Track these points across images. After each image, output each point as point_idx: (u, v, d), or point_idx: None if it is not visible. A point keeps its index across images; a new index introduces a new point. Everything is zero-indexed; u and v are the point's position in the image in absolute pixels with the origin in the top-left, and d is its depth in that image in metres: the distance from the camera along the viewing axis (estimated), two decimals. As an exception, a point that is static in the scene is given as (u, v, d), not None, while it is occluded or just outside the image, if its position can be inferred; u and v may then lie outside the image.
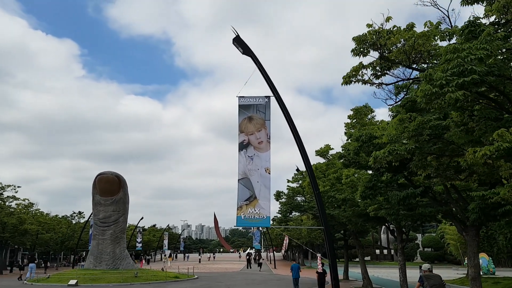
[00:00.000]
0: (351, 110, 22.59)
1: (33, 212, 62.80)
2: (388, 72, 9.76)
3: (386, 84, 10.23)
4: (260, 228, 79.97)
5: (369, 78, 9.37)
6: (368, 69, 9.64)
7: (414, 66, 10.13)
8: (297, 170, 38.91)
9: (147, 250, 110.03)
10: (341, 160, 19.36)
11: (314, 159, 32.72)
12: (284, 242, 23.90)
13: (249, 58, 16.20)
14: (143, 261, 78.40)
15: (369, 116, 22.91)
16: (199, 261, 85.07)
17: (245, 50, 15.93)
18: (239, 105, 16.42)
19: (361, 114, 22.04)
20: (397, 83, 10.26)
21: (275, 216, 58.60)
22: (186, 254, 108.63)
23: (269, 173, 15.54)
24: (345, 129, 21.52)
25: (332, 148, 32.39)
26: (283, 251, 36.07)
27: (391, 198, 16.26)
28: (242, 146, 15.95)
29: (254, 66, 15.96)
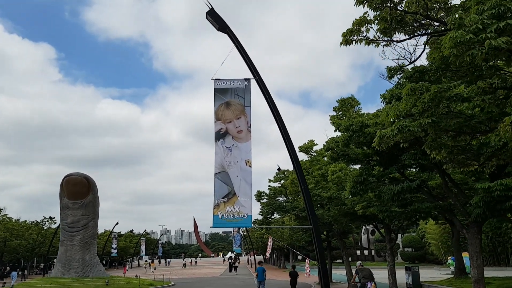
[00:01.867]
0: (337, 101, 21.04)
1: (1, 217, 59.50)
2: (399, 26, 8.05)
3: (397, 41, 8.50)
4: (241, 231, 78.02)
5: (375, 35, 7.64)
6: (373, 24, 7.91)
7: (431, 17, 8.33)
8: (279, 169, 37.27)
9: (124, 257, 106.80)
10: (328, 152, 17.71)
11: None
12: (268, 244, 22.15)
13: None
14: (126, 267, 75.65)
15: (355, 108, 21.40)
16: (184, 266, 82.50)
17: (221, 25, 14.10)
18: (214, 88, 14.51)
19: (347, 106, 20.48)
20: (413, 37, 8.51)
21: (255, 219, 56.81)
22: (168, 260, 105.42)
23: (250, 166, 13.64)
24: (331, 121, 19.89)
25: (316, 144, 30.77)
26: (267, 254, 34.39)
27: (383, 194, 14.72)
28: (219, 136, 14.01)
29: (232, 45, 14.19)
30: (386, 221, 18.76)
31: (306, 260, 18.70)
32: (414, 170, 18.17)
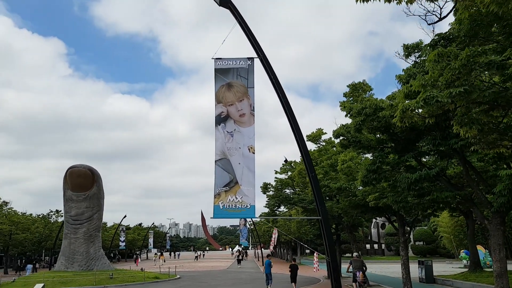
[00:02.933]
0: (347, 86, 19.83)
1: (6, 211, 59.23)
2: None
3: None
4: (247, 225, 77.26)
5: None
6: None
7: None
8: (285, 161, 36.25)
9: (133, 249, 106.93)
10: (339, 140, 16.62)
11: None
12: (273, 236, 21.13)
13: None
14: (139, 259, 75.76)
15: (367, 94, 20.24)
16: (196, 259, 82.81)
17: (222, -1, 13.02)
18: (215, 68, 13.45)
19: (358, 91, 19.32)
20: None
21: (262, 212, 55.91)
22: (177, 252, 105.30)
23: (254, 153, 12.61)
24: (341, 107, 18.79)
25: (325, 133, 29.55)
26: (271, 247, 33.53)
27: (399, 182, 13.65)
28: (220, 120, 12.99)
29: (234, 21, 13.15)
30: (402, 212, 17.69)
31: (315, 254, 17.68)
32: (430, 158, 17.14)
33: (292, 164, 35.21)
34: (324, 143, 29.18)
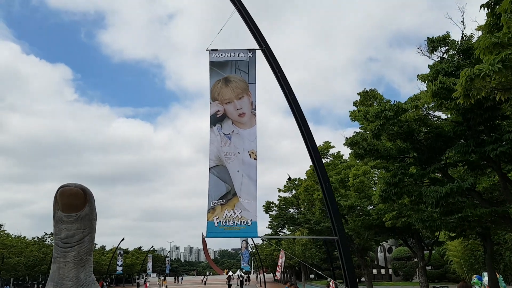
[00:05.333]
0: (358, 94, 18.07)
1: (-1, 234, 57.05)
2: None
3: None
4: (249, 248, 74.42)
5: None
6: None
7: None
8: (289, 178, 34.22)
9: (131, 274, 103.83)
10: (352, 150, 14.65)
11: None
12: (279, 260, 18.74)
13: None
14: (147, 283, 73.40)
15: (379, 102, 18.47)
16: (204, 283, 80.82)
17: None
18: (210, 61, 11.62)
19: (370, 99, 17.53)
20: None
21: (265, 234, 53.47)
22: (180, 277, 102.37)
23: (255, 159, 10.59)
24: (351, 117, 16.97)
25: (333, 146, 27.53)
26: (278, 273, 30.99)
27: (426, 197, 11.66)
28: (215, 120, 11.00)
29: (232, 8, 11.46)
30: (427, 233, 15.59)
31: (331, 283, 15.34)
32: (456, 170, 15.13)
33: (296, 182, 33.18)
34: (331, 158, 27.16)
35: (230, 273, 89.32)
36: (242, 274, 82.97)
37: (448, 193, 11.13)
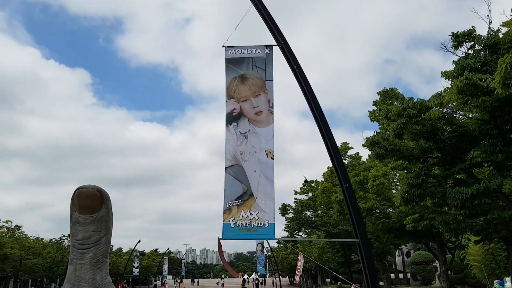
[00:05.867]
0: (378, 93, 17.62)
1: (17, 235, 57.61)
2: None
3: None
4: (265, 251, 73.95)
5: None
6: None
7: None
8: (306, 180, 33.80)
9: (147, 276, 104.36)
10: (371, 151, 14.21)
11: (328, 162, 27.49)
12: (298, 264, 18.36)
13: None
14: (166, 285, 73.91)
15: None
16: (222, 286, 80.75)
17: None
18: (226, 58, 11.33)
19: (390, 98, 17.06)
20: None
21: (282, 236, 53.04)
22: (196, 280, 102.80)
23: (273, 158, 10.27)
24: (370, 117, 16.55)
25: (351, 147, 26.96)
26: (297, 277, 30.14)
27: (451, 199, 11.20)
28: (232, 118, 10.72)
29: (249, 3, 11.19)
30: (450, 236, 15.07)
31: (352, 287, 14.98)
32: (481, 170, 14.58)
33: (313, 184, 32.75)
34: (350, 159, 26.62)
35: (245, 276, 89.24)
36: (258, 277, 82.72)
37: (474, 195, 10.66)
